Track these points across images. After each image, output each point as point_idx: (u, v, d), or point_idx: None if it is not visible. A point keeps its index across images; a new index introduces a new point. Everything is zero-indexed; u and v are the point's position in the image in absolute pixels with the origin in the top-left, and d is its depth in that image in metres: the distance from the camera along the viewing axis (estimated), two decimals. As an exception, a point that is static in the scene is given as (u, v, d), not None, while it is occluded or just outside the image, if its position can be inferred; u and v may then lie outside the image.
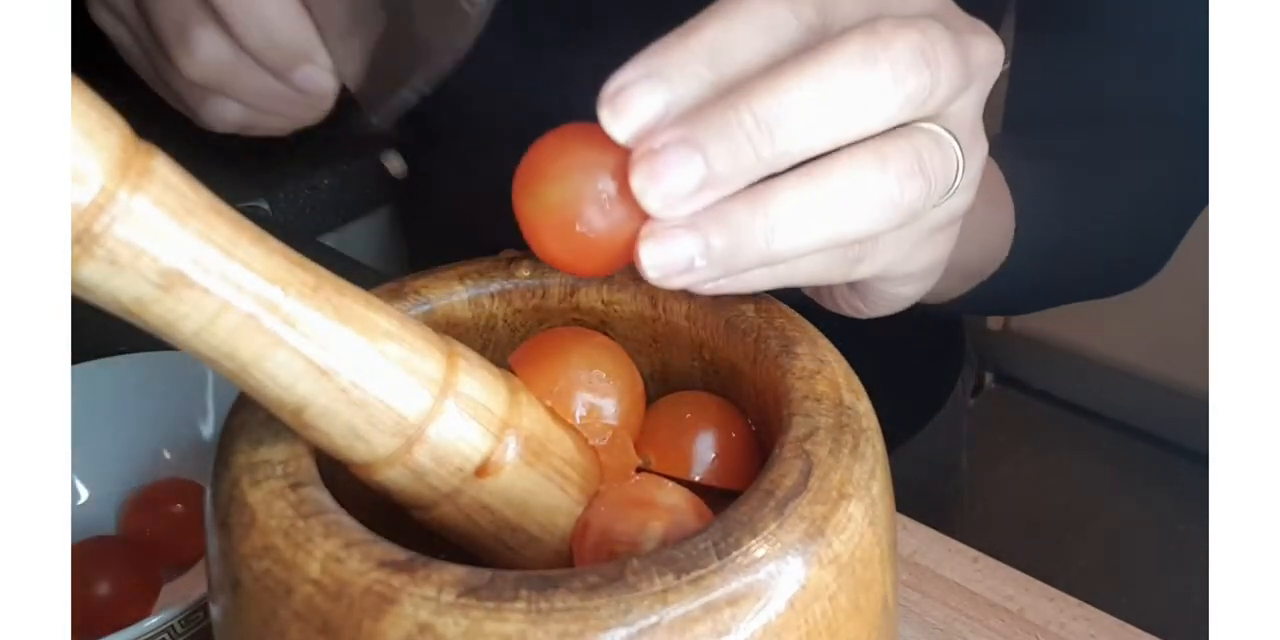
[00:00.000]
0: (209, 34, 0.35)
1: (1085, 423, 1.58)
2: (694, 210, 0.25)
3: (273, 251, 0.23)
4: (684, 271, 0.26)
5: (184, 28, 0.35)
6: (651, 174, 0.25)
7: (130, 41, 0.39)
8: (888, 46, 0.25)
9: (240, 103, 0.38)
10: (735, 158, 0.25)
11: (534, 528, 0.27)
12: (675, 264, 0.26)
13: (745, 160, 0.25)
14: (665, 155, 0.25)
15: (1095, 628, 0.42)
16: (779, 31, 0.26)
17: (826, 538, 0.24)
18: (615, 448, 0.29)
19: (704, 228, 0.25)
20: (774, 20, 0.26)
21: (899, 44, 0.25)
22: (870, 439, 0.26)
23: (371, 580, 0.23)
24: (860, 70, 0.25)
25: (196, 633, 0.39)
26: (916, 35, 0.26)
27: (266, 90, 0.36)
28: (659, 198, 0.25)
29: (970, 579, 0.44)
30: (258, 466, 0.25)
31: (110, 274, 0.21)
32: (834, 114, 0.25)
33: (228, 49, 0.35)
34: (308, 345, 0.23)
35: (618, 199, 0.26)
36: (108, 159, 0.20)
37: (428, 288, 0.31)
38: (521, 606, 0.22)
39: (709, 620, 0.22)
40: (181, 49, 0.35)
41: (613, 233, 0.26)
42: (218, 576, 0.26)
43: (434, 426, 0.25)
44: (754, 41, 0.26)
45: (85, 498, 0.48)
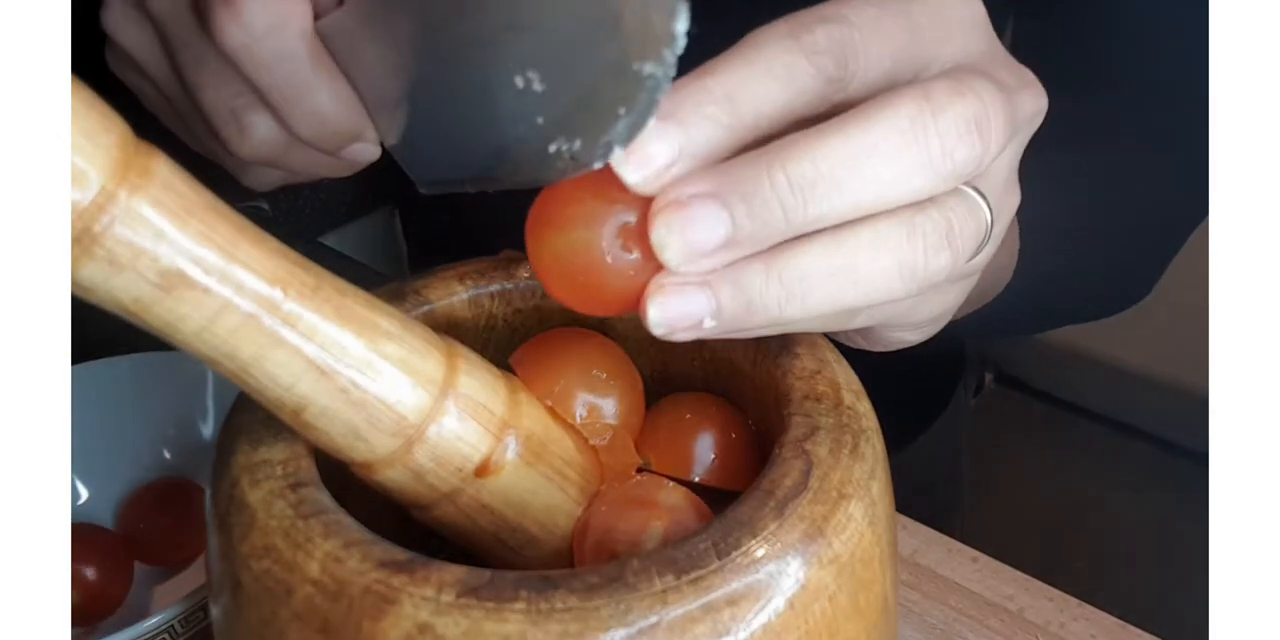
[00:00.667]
0: (263, 121, 0.34)
1: (1085, 423, 1.58)
2: (711, 267, 0.24)
3: (273, 252, 0.23)
4: (691, 329, 0.25)
5: (237, 114, 0.34)
6: (673, 227, 0.24)
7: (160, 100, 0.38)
8: (939, 115, 0.24)
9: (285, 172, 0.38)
10: (763, 220, 0.24)
11: (534, 528, 0.27)
12: (683, 321, 0.25)
13: (773, 223, 0.24)
14: (690, 209, 0.24)
15: (1095, 628, 0.42)
16: (797, 82, 0.25)
17: (826, 538, 0.24)
18: (616, 448, 0.29)
19: (717, 288, 0.24)
20: (793, 70, 0.25)
21: (952, 114, 0.24)
22: (870, 439, 0.26)
23: (371, 580, 0.23)
24: (908, 140, 0.24)
25: (196, 633, 0.39)
26: (974, 103, 0.24)
27: (314, 163, 0.36)
28: (678, 252, 0.24)
29: (970, 579, 0.44)
30: (258, 466, 0.25)
31: (110, 274, 0.21)
32: (874, 184, 0.24)
33: (280, 134, 0.34)
34: (308, 345, 0.23)
35: (628, 248, 0.25)
36: (107, 159, 0.20)
37: (428, 288, 0.31)
38: (521, 607, 0.22)
39: (709, 620, 0.22)
40: (235, 134, 0.34)
41: (622, 281, 0.25)
42: (218, 576, 0.26)
43: (434, 426, 0.25)
44: (770, 90, 0.24)
45: (85, 497, 0.48)
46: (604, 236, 0.25)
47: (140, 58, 0.36)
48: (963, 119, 0.24)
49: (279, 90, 0.32)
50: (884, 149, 0.24)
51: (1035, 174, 0.50)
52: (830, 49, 0.25)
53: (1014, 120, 0.26)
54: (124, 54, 0.37)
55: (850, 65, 0.25)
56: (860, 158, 0.24)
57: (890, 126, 0.24)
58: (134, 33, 0.36)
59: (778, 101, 0.25)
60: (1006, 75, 0.28)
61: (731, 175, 0.24)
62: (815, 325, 0.27)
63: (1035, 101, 0.28)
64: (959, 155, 0.24)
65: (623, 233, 0.25)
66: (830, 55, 0.25)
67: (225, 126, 0.34)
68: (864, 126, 0.24)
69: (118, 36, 0.36)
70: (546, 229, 0.26)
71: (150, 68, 0.37)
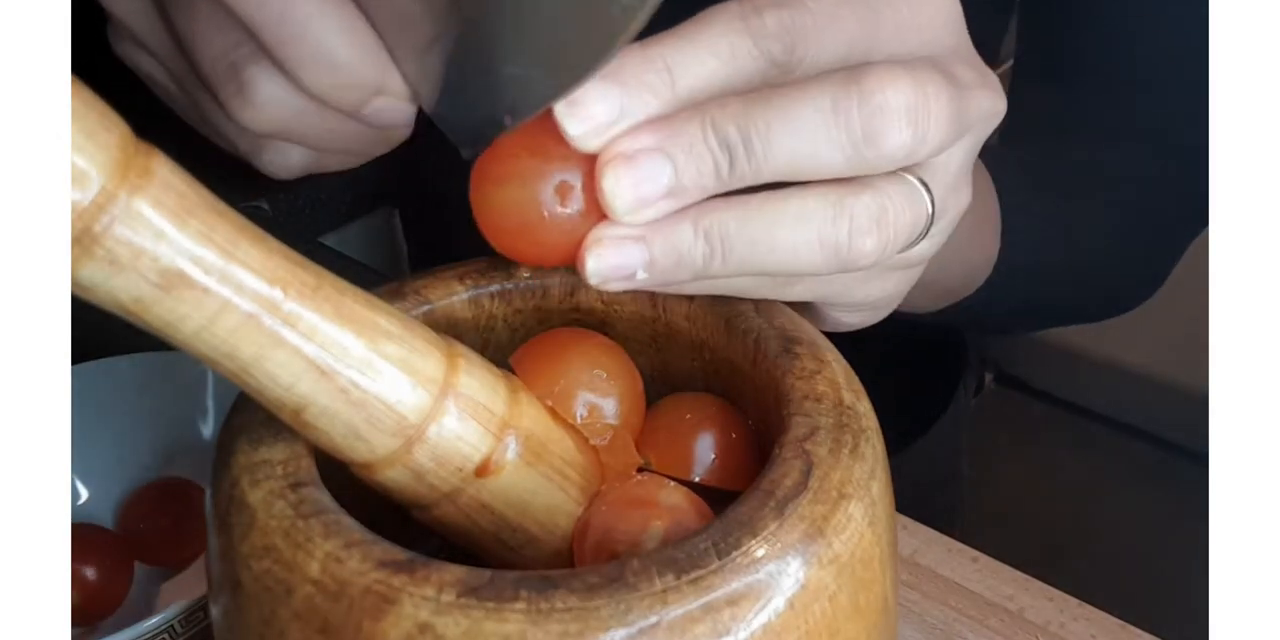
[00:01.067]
0: (265, 75, 0.28)
1: (1085, 423, 1.58)
2: (654, 216, 0.26)
3: (273, 251, 0.23)
4: (624, 279, 0.27)
5: (236, 69, 0.28)
6: (621, 178, 0.25)
7: (166, 79, 0.33)
8: (866, 99, 0.25)
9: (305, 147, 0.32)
10: (698, 169, 0.25)
11: (534, 527, 0.27)
12: (617, 272, 0.26)
13: (708, 173, 0.25)
14: (639, 160, 0.25)
15: (1095, 628, 0.42)
16: (739, 62, 0.26)
17: (826, 538, 0.24)
18: (616, 447, 0.29)
19: (650, 241, 0.26)
20: (735, 49, 0.25)
21: (880, 100, 0.25)
22: (870, 439, 0.26)
23: (371, 580, 0.23)
24: (828, 120, 0.25)
25: (196, 633, 0.39)
26: (907, 92, 0.25)
27: (335, 131, 0.30)
28: (626, 201, 0.25)
29: (970, 579, 0.44)
30: (258, 466, 0.25)
31: (110, 274, 0.21)
32: (791, 154, 0.25)
33: (288, 91, 0.28)
34: (308, 345, 0.23)
35: (564, 203, 0.27)
36: (107, 159, 0.20)
37: (428, 288, 0.31)
38: (521, 606, 0.22)
39: (709, 620, 0.22)
40: (235, 94, 0.29)
41: (558, 234, 0.27)
42: (218, 576, 0.26)
43: (434, 426, 0.25)
44: (708, 67, 0.25)
45: (85, 497, 0.48)
46: (542, 191, 0.26)
47: (135, 26, 0.32)
48: (890, 105, 0.25)
49: (275, 28, 0.27)
50: (804, 124, 0.25)
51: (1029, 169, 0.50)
52: (779, 33, 0.25)
53: (962, 117, 0.26)
54: (121, 26, 0.32)
55: (799, 50, 0.26)
56: (777, 125, 0.25)
57: (812, 104, 0.25)
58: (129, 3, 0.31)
59: (715, 78, 0.26)
60: (965, 72, 0.28)
61: (672, 128, 0.25)
62: (746, 287, 0.29)
63: (991, 102, 0.28)
64: (887, 142, 0.25)
65: (560, 189, 0.26)
66: (778, 39, 0.25)
67: (224, 87, 0.29)
68: (788, 98, 0.25)
69: (113, 7, 0.32)
70: (488, 184, 0.27)
71: (145, 35, 0.32)
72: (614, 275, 0.26)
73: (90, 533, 0.46)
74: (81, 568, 0.44)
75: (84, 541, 0.45)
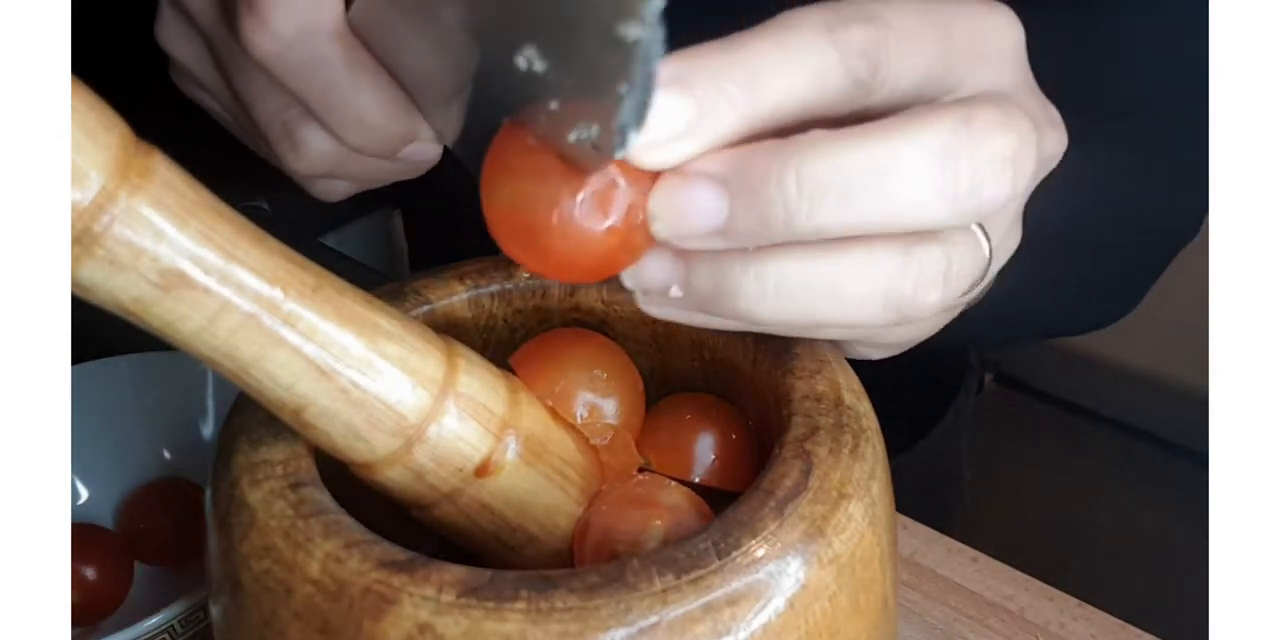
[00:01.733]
0: (313, 133, 0.32)
1: (1085, 423, 1.58)
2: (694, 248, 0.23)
3: (273, 252, 0.23)
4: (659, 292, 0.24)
5: (288, 129, 0.32)
6: (671, 202, 0.23)
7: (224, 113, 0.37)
8: (978, 146, 0.22)
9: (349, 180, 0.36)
10: (761, 219, 0.22)
11: (534, 527, 0.27)
12: (652, 282, 0.24)
13: (771, 225, 0.22)
14: (692, 189, 0.22)
15: (1095, 628, 0.42)
16: (824, 78, 0.23)
17: (826, 538, 0.24)
18: (617, 447, 0.29)
19: (692, 261, 0.24)
20: (822, 64, 0.22)
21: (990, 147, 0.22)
22: (870, 439, 0.26)
23: (371, 580, 0.23)
24: (937, 165, 0.22)
25: (196, 633, 0.39)
26: (1014, 139, 0.22)
27: (375, 168, 0.34)
28: (666, 227, 0.23)
29: (970, 579, 0.44)
30: (258, 466, 0.25)
31: (110, 274, 0.21)
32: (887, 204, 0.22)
33: (334, 145, 0.32)
34: (308, 345, 0.23)
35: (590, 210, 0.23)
36: (108, 159, 0.20)
37: (428, 288, 0.31)
38: (521, 606, 0.22)
39: (709, 620, 0.22)
40: (289, 150, 0.33)
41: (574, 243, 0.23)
42: (218, 576, 0.26)
43: (434, 426, 0.25)
44: (797, 81, 0.22)
45: (85, 497, 0.48)
46: (564, 194, 0.23)
47: (196, 73, 0.35)
48: (1000, 154, 0.22)
49: (318, 98, 0.30)
50: (909, 169, 0.22)
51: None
52: (865, 51, 0.23)
53: (1041, 158, 0.24)
54: (182, 68, 0.36)
55: (881, 72, 0.23)
56: (881, 173, 0.22)
57: (922, 145, 0.22)
58: (187, 47, 0.35)
59: (802, 95, 0.23)
60: (1035, 109, 0.26)
61: (743, 163, 0.22)
62: (779, 329, 0.26)
63: (1058, 142, 0.26)
64: (987, 193, 0.22)
65: (589, 193, 0.23)
66: (864, 57, 0.23)
67: (279, 142, 0.33)
68: (895, 138, 0.22)
69: (172, 51, 0.35)
70: (501, 172, 0.24)
71: (207, 83, 0.35)
72: (648, 285, 0.24)
73: (90, 533, 0.45)
74: (81, 568, 0.44)
75: (84, 541, 0.45)
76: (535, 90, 0.22)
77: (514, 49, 0.22)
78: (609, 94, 0.21)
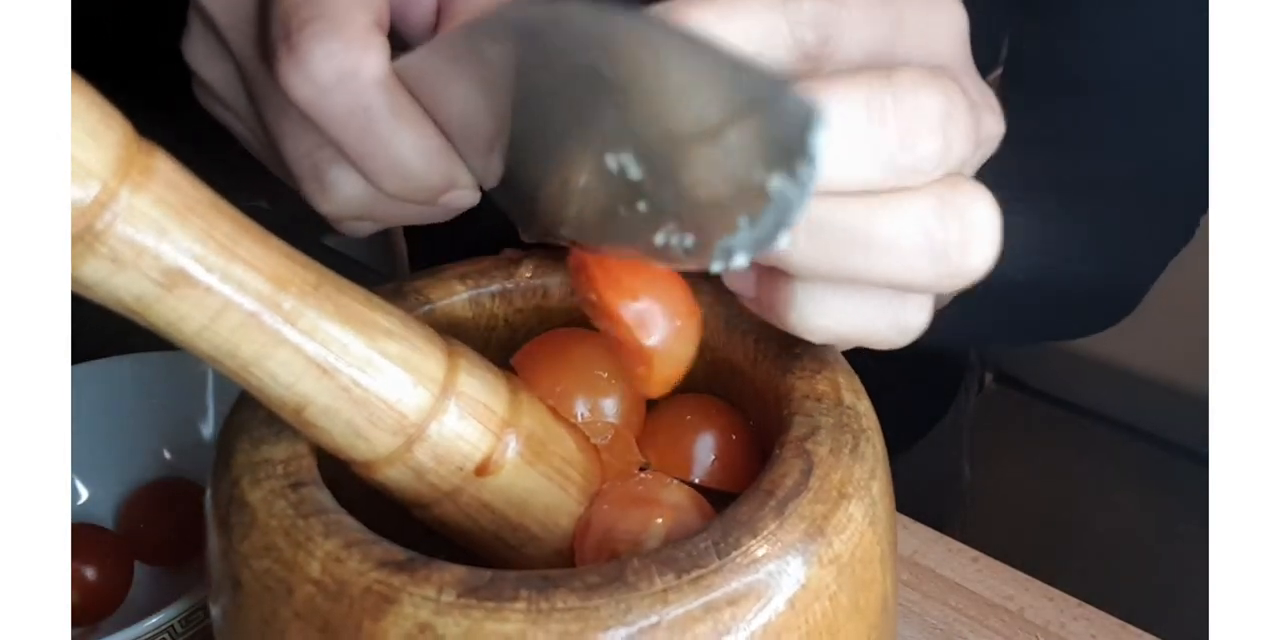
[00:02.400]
0: (346, 175, 0.30)
1: (1085, 423, 1.58)
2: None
3: (274, 250, 0.23)
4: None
5: (318, 170, 0.30)
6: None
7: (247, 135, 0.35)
8: (901, 100, 0.22)
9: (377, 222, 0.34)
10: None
11: (534, 527, 0.27)
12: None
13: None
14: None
15: (1095, 628, 0.42)
16: (769, 46, 0.23)
17: (826, 537, 0.24)
18: (618, 447, 0.29)
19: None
20: (769, 32, 0.23)
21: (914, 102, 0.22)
22: (870, 439, 0.26)
23: (371, 580, 0.23)
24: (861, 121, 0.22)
25: (196, 633, 0.39)
26: (941, 98, 0.23)
27: (408, 215, 0.32)
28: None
29: (970, 579, 0.44)
30: (258, 466, 0.25)
31: (112, 272, 0.21)
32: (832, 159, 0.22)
33: (366, 190, 0.30)
34: (309, 344, 0.23)
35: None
36: (109, 157, 0.20)
37: (428, 288, 0.31)
38: (521, 606, 0.22)
39: (709, 620, 0.22)
40: (317, 191, 0.31)
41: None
42: (218, 576, 0.26)
43: (434, 425, 0.25)
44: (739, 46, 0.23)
45: (85, 497, 0.48)
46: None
47: (223, 95, 0.33)
48: (927, 109, 0.22)
49: (355, 145, 0.28)
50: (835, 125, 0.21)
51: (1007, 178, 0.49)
52: (815, 23, 0.23)
53: (977, 134, 0.24)
54: (208, 87, 0.34)
55: (831, 43, 0.24)
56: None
57: (846, 101, 0.22)
58: (216, 68, 0.33)
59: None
60: (972, 89, 0.26)
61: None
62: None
63: (995, 124, 0.27)
64: (921, 149, 0.22)
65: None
66: (814, 28, 0.23)
67: (307, 182, 0.31)
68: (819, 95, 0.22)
69: (199, 69, 0.33)
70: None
71: (234, 104, 0.33)
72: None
73: (90, 533, 0.46)
74: (81, 568, 0.44)
75: (84, 541, 0.45)
76: (621, 188, 0.22)
77: (605, 146, 0.21)
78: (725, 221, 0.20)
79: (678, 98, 0.20)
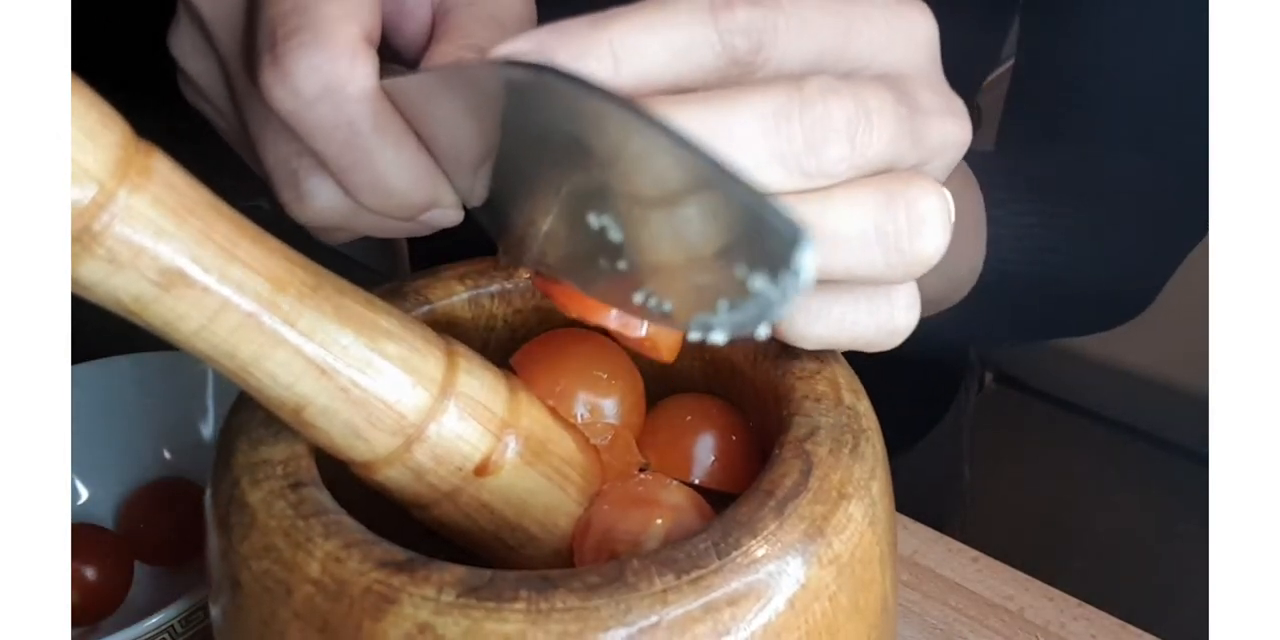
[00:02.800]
0: (323, 186, 0.29)
1: (1085, 423, 1.58)
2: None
3: (273, 251, 0.23)
4: None
5: (296, 178, 0.29)
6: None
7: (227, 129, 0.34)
8: (807, 108, 0.23)
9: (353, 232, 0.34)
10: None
11: (534, 527, 0.27)
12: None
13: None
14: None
15: (1095, 628, 0.42)
16: (696, 56, 0.23)
17: (826, 538, 0.24)
18: (618, 447, 0.29)
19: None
20: (695, 40, 0.23)
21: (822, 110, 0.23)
22: (870, 439, 0.26)
23: (371, 580, 0.23)
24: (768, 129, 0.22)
25: (196, 633, 0.39)
26: (850, 105, 0.23)
27: (386, 228, 0.31)
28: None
29: (970, 579, 0.44)
30: (258, 466, 0.25)
31: (110, 272, 0.21)
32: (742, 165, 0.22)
33: (344, 201, 0.30)
34: (308, 344, 0.23)
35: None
36: (108, 158, 0.20)
37: (428, 288, 0.31)
38: (521, 606, 0.22)
39: (709, 620, 0.22)
40: (294, 199, 0.30)
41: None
42: (218, 576, 0.26)
43: (434, 426, 0.25)
44: (661, 58, 0.23)
45: (85, 497, 0.48)
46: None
47: (206, 89, 0.33)
48: (833, 117, 0.23)
49: (336, 158, 0.28)
50: (741, 134, 0.22)
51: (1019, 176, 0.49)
52: (748, 30, 0.23)
53: (915, 141, 0.25)
54: (191, 81, 0.33)
55: (765, 51, 0.24)
56: (714, 137, 0.22)
57: (754, 109, 0.22)
58: (200, 63, 0.32)
59: (665, 71, 0.23)
60: (929, 97, 0.26)
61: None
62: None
63: (956, 130, 0.26)
64: (828, 154, 0.23)
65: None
66: (746, 36, 0.23)
67: (285, 189, 0.30)
68: (729, 103, 0.22)
69: (183, 62, 0.33)
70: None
71: (216, 100, 0.33)
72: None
73: (90, 533, 0.46)
74: (81, 568, 0.44)
75: (84, 541, 0.45)
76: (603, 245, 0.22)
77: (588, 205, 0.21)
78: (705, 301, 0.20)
79: (660, 189, 0.20)
